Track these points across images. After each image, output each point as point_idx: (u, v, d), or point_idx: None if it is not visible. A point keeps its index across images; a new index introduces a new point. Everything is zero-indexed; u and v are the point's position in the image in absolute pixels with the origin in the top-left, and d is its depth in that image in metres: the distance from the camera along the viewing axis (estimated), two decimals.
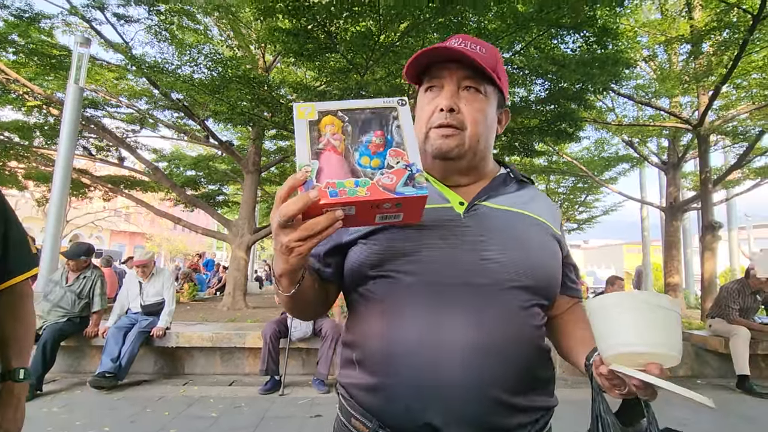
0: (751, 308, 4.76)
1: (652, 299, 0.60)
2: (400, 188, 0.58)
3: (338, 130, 0.62)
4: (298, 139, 0.60)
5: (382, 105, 0.65)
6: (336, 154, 0.60)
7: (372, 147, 0.61)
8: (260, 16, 5.06)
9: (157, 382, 4.29)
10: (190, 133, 9.70)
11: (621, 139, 10.24)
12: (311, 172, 0.57)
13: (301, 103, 0.63)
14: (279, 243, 0.59)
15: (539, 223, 0.83)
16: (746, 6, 5.57)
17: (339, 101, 0.65)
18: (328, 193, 0.55)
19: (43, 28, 6.94)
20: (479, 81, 0.81)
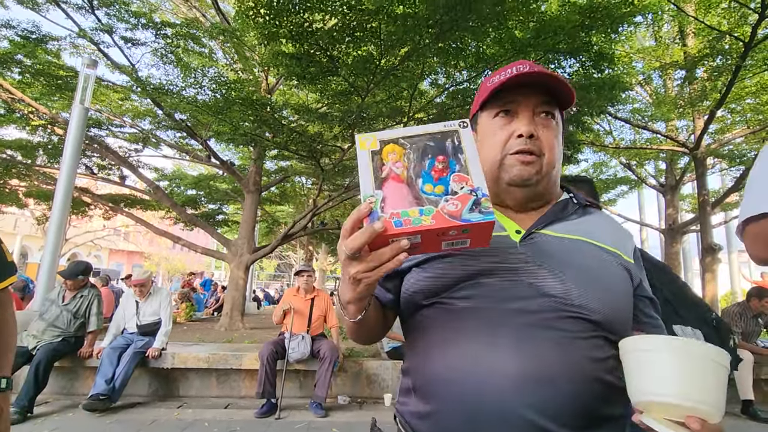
0: (753, 332, 4.72)
1: (699, 349, 0.55)
2: (465, 215, 0.57)
3: (400, 157, 0.62)
4: (361, 170, 0.61)
5: (443, 129, 0.64)
6: (399, 183, 0.60)
7: (435, 173, 0.61)
8: (264, 40, 5.18)
9: (151, 405, 4.20)
10: (191, 152, 9.78)
11: (619, 162, 10.34)
12: (375, 203, 0.57)
13: (363, 134, 0.64)
14: (347, 274, 0.60)
15: (604, 250, 0.78)
16: (738, 34, 5.72)
17: (400, 129, 0.65)
18: (393, 223, 0.56)
19: (51, 50, 7.08)
20: (553, 106, 0.81)
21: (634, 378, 0.60)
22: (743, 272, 13.97)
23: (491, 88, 0.80)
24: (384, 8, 4.48)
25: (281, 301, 4.58)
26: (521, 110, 0.80)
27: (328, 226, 10.27)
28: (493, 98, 0.82)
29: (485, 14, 4.55)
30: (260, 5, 4.61)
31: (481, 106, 0.86)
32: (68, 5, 6.10)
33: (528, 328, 0.69)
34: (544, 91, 0.79)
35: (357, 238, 0.55)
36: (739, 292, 12.29)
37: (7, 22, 6.16)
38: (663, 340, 0.58)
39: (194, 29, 6.50)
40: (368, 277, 0.59)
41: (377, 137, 0.63)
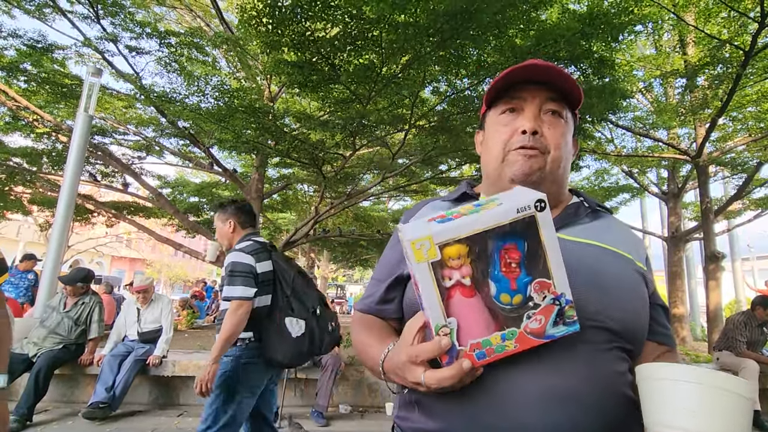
0: (758, 341, 4.67)
1: (725, 382, 0.51)
2: (550, 330, 0.55)
3: (465, 261, 0.52)
4: (423, 290, 0.52)
5: (516, 217, 0.52)
6: (469, 297, 0.53)
7: (507, 274, 0.53)
8: (266, 49, 5.23)
9: (151, 413, 4.17)
10: (194, 160, 9.83)
11: (621, 170, 10.33)
12: (451, 334, 0.53)
13: (415, 238, 0.51)
14: (414, 386, 0.62)
15: (619, 255, 0.75)
16: (738, 42, 5.74)
17: (462, 220, 0.52)
18: (476, 356, 0.53)
19: (56, 59, 7.16)
20: (561, 105, 0.79)
21: (653, 408, 0.56)
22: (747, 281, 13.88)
23: (496, 81, 0.79)
24: (385, 17, 4.52)
25: None
26: (527, 107, 0.78)
27: (330, 234, 10.27)
28: (501, 96, 0.81)
29: (486, 23, 4.58)
30: (262, 14, 4.66)
31: (489, 104, 0.84)
32: (74, 15, 6.18)
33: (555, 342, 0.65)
34: (551, 89, 0.78)
35: (443, 378, 0.55)
36: (743, 300, 12.20)
37: (14, 32, 6.24)
38: (688, 371, 0.53)
39: (198, 38, 6.56)
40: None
41: (434, 239, 0.51)
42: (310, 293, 2.30)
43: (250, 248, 2.22)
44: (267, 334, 2.17)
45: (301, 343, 2.15)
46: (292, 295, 2.23)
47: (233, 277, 2.11)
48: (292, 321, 2.16)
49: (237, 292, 2.07)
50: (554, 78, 0.77)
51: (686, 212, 11.66)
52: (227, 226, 2.45)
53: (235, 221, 2.45)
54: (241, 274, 2.11)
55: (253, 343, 2.18)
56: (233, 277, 2.11)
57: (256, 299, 2.14)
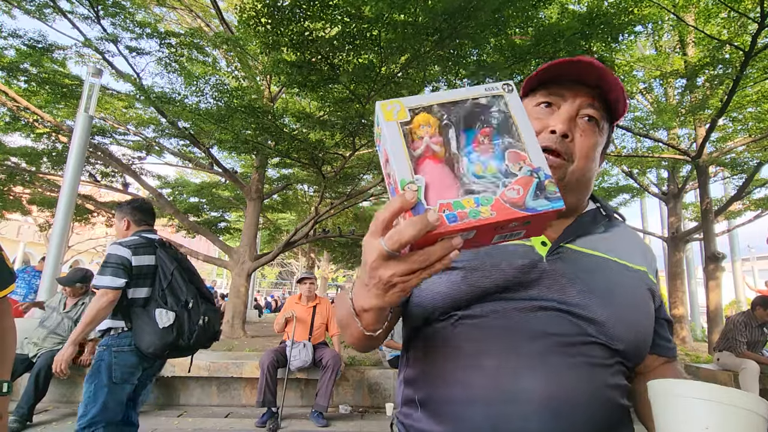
0: (758, 341, 4.67)
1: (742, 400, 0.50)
2: (530, 202, 0.48)
3: (435, 130, 0.50)
4: (391, 147, 0.49)
5: (485, 93, 0.53)
6: (439, 163, 0.49)
7: (480, 149, 0.50)
8: (266, 49, 5.24)
9: (151, 413, 4.17)
10: (194, 160, 9.84)
11: (621, 170, 10.33)
12: (419, 190, 0.46)
13: (386, 101, 0.51)
14: (378, 277, 0.49)
15: (633, 271, 0.73)
16: (738, 43, 5.74)
17: (431, 94, 0.53)
18: (446, 217, 0.45)
19: (56, 59, 7.17)
20: (600, 113, 0.73)
21: (664, 425, 0.55)
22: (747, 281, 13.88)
23: (542, 69, 0.73)
24: (384, 16, 4.52)
25: (283, 309, 4.57)
26: (564, 106, 0.72)
27: (330, 234, 10.27)
28: (541, 87, 0.75)
29: (484, 22, 4.59)
30: (261, 15, 4.66)
31: (526, 91, 0.78)
32: (74, 15, 6.18)
33: (553, 351, 0.65)
34: (595, 94, 0.72)
35: (405, 231, 0.43)
36: (744, 300, 12.20)
37: (14, 32, 6.25)
38: (704, 388, 0.52)
39: (198, 38, 6.57)
40: (407, 281, 0.48)
41: (405, 105, 0.51)
42: (187, 287, 2.40)
43: (130, 242, 2.36)
44: (137, 324, 2.28)
45: (167, 334, 2.25)
46: (168, 288, 2.34)
47: (104, 267, 2.26)
48: (161, 312, 2.27)
49: (104, 282, 2.22)
50: (602, 82, 0.70)
51: (686, 213, 11.66)
52: (123, 224, 2.57)
53: (130, 219, 2.56)
54: (112, 264, 2.25)
55: (125, 333, 2.30)
56: (104, 267, 2.26)
57: (131, 290, 2.29)
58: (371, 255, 0.47)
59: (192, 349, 2.45)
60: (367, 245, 0.48)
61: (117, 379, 2.25)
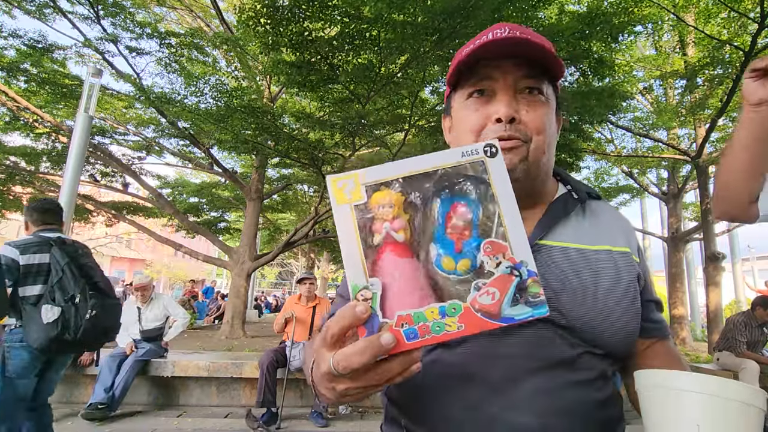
0: (758, 341, 4.67)
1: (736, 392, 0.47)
2: (507, 310, 0.41)
3: (399, 210, 0.43)
4: (343, 240, 0.42)
5: (462, 160, 0.44)
6: (402, 258, 0.42)
7: (453, 234, 0.43)
8: (265, 49, 5.24)
9: (151, 414, 4.17)
10: (194, 160, 9.84)
11: (621, 170, 10.34)
12: (373, 300, 0.40)
13: (337, 176, 0.44)
14: (331, 387, 0.44)
15: (617, 254, 0.67)
16: (738, 43, 5.74)
17: (393, 164, 0.44)
18: (404, 334, 0.39)
19: (56, 59, 7.17)
20: (540, 80, 0.65)
21: (655, 420, 0.51)
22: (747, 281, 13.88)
23: (459, 61, 0.65)
24: (383, 16, 4.52)
25: (283, 310, 4.57)
26: (499, 88, 0.64)
27: (330, 234, 10.27)
28: (466, 74, 0.67)
29: (484, 22, 4.59)
30: (261, 15, 4.66)
31: (453, 85, 0.71)
32: (74, 15, 6.18)
33: (545, 370, 0.60)
34: (526, 63, 0.64)
35: (353, 357, 0.39)
36: (743, 300, 12.20)
37: (15, 32, 6.25)
38: (695, 379, 0.48)
39: (198, 38, 6.57)
40: (364, 393, 0.44)
41: (360, 180, 0.43)
42: (76, 282, 2.45)
43: (20, 242, 2.44)
44: (25, 320, 2.35)
45: (52, 329, 2.30)
46: (57, 283, 2.40)
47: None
48: (47, 308, 2.32)
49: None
50: (528, 51, 0.63)
51: (686, 213, 11.66)
52: (24, 226, 2.66)
53: (28, 220, 2.63)
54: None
55: (17, 329, 2.39)
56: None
57: (21, 288, 2.34)
58: (323, 368, 0.43)
59: (82, 344, 2.49)
60: (318, 354, 0.44)
61: (12, 374, 2.34)
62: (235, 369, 4.43)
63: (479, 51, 0.63)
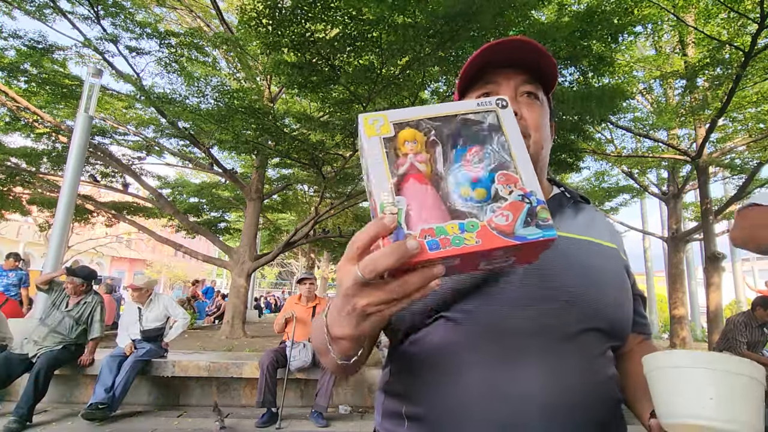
0: (758, 342, 4.67)
1: (739, 366, 0.50)
2: (519, 230, 0.44)
3: (421, 147, 0.47)
4: (371, 165, 0.45)
5: (476, 108, 0.50)
6: (423, 184, 0.46)
7: (469, 168, 0.47)
8: (266, 50, 5.24)
9: (151, 414, 4.17)
10: (194, 160, 9.84)
11: (621, 170, 10.35)
12: (399, 214, 0.43)
13: (369, 114, 0.48)
14: (352, 304, 0.45)
15: (606, 248, 0.74)
16: (738, 43, 5.75)
17: (417, 108, 0.49)
18: (427, 244, 0.42)
19: (56, 59, 7.17)
20: (537, 86, 0.75)
21: (665, 398, 0.54)
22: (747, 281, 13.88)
23: (468, 68, 0.75)
24: (385, 18, 4.53)
25: (283, 310, 4.57)
26: (502, 91, 0.74)
27: (330, 234, 10.28)
28: (473, 82, 0.76)
29: (485, 25, 4.59)
30: (262, 16, 4.66)
31: (461, 92, 0.79)
32: (74, 16, 6.19)
33: (546, 344, 0.63)
34: (525, 71, 0.74)
35: (379, 260, 0.40)
36: (744, 301, 12.20)
37: (15, 32, 6.25)
38: (703, 357, 0.51)
39: (198, 39, 6.57)
40: (383, 310, 0.45)
41: (389, 118, 0.48)
42: None
43: None
44: None
45: None
46: None
47: None
48: None
49: None
50: (528, 57, 0.72)
51: (686, 213, 11.66)
52: None
53: None
54: None
55: None
56: None
57: None
58: (346, 281, 0.44)
59: None
60: (342, 270, 0.45)
61: None
62: (235, 369, 4.43)
63: (488, 55, 0.72)
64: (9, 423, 3.45)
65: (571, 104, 5.61)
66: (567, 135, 6.73)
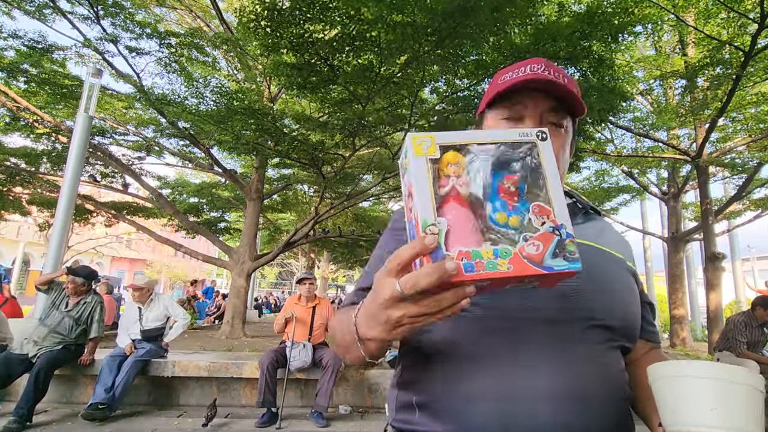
0: (758, 341, 4.67)
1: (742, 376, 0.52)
2: (548, 260, 0.48)
3: (463, 170, 0.50)
4: (417, 186, 0.49)
5: (518, 138, 0.53)
6: (463, 207, 0.49)
7: (505, 196, 0.50)
8: (265, 51, 5.23)
9: (151, 414, 4.17)
10: (194, 160, 9.84)
11: (621, 170, 10.34)
12: (439, 234, 0.46)
13: (417, 134, 0.51)
14: (387, 315, 0.49)
15: (615, 257, 0.77)
16: (738, 43, 5.75)
17: (463, 132, 0.53)
18: (462, 266, 0.45)
19: (56, 59, 7.17)
20: (563, 115, 0.76)
21: (671, 406, 0.55)
22: (747, 281, 13.88)
23: (499, 88, 0.76)
24: (383, 17, 4.52)
25: (283, 310, 4.57)
26: (528, 116, 0.75)
27: (330, 234, 10.27)
28: (501, 99, 0.78)
29: (483, 21, 4.58)
30: (261, 17, 4.66)
31: (488, 104, 0.81)
32: (74, 16, 6.18)
33: (560, 341, 0.65)
34: (554, 97, 0.75)
35: (420, 279, 0.43)
36: (744, 300, 12.20)
37: (14, 33, 6.25)
38: (706, 367, 0.53)
39: (198, 39, 6.57)
40: (416, 322, 0.49)
41: (436, 140, 0.51)
42: None
43: None
44: None
45: None
46: None
47: None
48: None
49: None
50: (557, 89, 0.74)
51: (686, 213, 11.66)
52: None
53: None
54: None
55: None
56: None
57: None
58: (384, 293, 0.48)
59: None
60: (380, 282, 0.49)
61: None
62: (235, 369, 4.43)
63: (517, 84, 0.73)
64: (9, 423, 3.45)
65: None
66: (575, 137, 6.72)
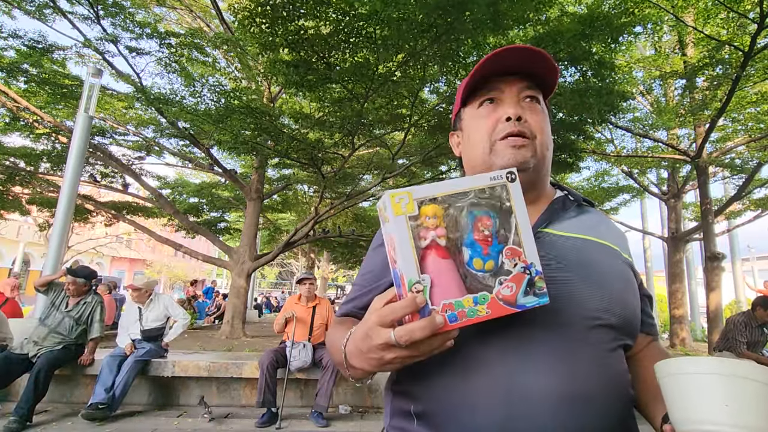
0: (758, 341, 4.67)
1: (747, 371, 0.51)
2: (521, 299, 0.54)
3: (440, 221, 0.54)
4: (399, 244, 0.52)
5: (489, 183, 0.57)
6: (443, 258, 0.53)
7: (480, 241, 0.55)
8: (262, 49, 5.22)
9: (151, 414, 4.17)
10: (194, 160, 9.84)
11: (621, 170, 10.34)
12: (424, 291, 0.51)
13: (394, 192, 0.54)
14: (380, 356, 0.54)
15: (611, 250, 0.76)
16: (737, 43, 5.75)
17: (437, 184, 0.56)
18: (448, 318, 0.51)
19: (56, 59, 7.16)
20: (537, 91, 0.78)
21: (679, 404, 0.55)
22: (747, 281, 13.89)
23: (471, 78, 0.77)
24: (377, 12, 4.49)
25: (283, 310, 4.57)
26: (506, 97, 0.76)
27: (330, 234, 10.27)
28: (476, 92, 0.79)
29: (480, 16, 4.56)
30: (256, 14, 4.66)
31: (463, 102, 0.82)
32: (74, 16, 6.18)
33: (557, 340, 0.64)
34: (526, 78, 0.77)
35: (415, 332, 0.49)
36: (744, 300, 12.20)
37: (14, 32, 6.25)
38: (716, 363, 0.53)
39: (198, 39, 6.56)
40: (405, 362, 0.54)
41: (413, 196, 0.54)
42: None
43: None
44: None
45: None
46: None
47: None
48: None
49: None
50: (529, 63, 0.75)
51: (686, 213, 11.66)
52: None
53: None
54: None
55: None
56: None
57: None
58: (379, 341, 0.53)
59: None
60: (374, 331, 0.53)
61: None
62: (235, 369, 4.43)
63: (490, 65, 0.75)
64: (9, 423, 3.45)
65: (569, 97, 5.60)
66: (567, 135, 6.73)
